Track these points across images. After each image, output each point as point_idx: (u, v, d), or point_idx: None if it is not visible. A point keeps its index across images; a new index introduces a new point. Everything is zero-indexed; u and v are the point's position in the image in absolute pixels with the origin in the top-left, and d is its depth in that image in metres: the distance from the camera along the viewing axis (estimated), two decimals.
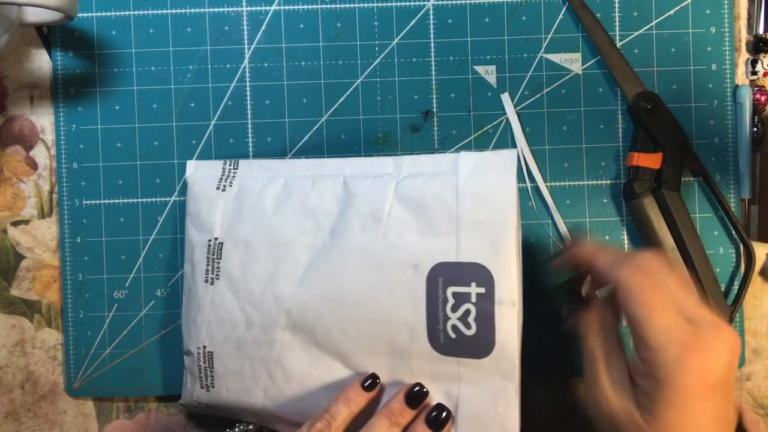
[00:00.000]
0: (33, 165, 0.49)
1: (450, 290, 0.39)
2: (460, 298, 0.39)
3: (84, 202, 0.49)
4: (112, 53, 0.49)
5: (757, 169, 0.50)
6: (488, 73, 0.49)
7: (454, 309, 0.39)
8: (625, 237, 0.50)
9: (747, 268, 0.49)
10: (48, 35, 0.49)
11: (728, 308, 0.48)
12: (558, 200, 0.49)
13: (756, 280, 0.51)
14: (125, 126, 0.49)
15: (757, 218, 0.50)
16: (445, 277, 0.39)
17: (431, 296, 0.39)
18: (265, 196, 0.44)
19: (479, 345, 0.39)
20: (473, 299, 0.39)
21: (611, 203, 0.50)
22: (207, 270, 0.44)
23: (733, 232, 0.49)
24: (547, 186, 0.49)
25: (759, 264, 0.51)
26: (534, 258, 0.49)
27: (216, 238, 0.44)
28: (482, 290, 0.38)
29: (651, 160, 0.48)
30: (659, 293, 0.34)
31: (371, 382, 0.40)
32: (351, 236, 0.41)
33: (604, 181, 0.50)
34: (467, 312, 0.39)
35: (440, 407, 0.39)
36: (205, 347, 0.44)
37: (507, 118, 0.49)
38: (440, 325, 0.39)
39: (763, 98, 0.50)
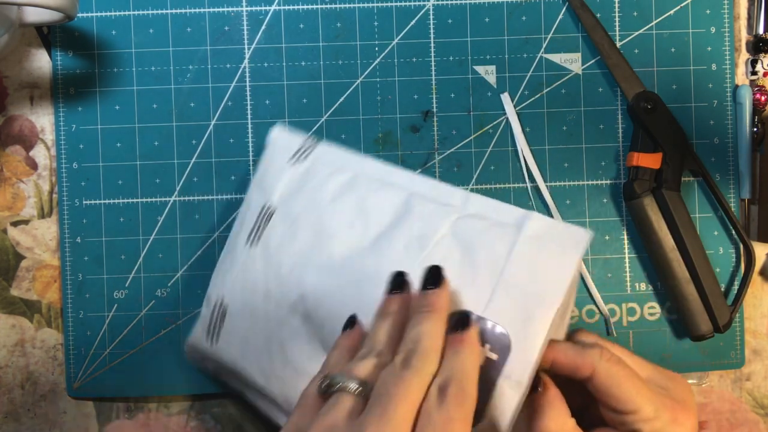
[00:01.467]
0: (33, 165, 0.49)
1: None
2: None
3: (84, 202, 0.49)
4: (112, 53, 0.49)
5: (757, 169, 0.50)
6: (488, 73, 0.49)
7: None
8: (625, 237, 0.50)
9: (747, 268, 0.49)
10: (48, 35, 0.49)
11: (728, 308, 0.48)
12: (558, 200, 0.49)
13: (756, 280, 0.51)
14: (125, 126, 0.49)
15: (757, 218, 0.50)
16: None
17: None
18: (329, 183, 0.43)
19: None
20: (481, 362, 0.35)
21: (611, 203, 0.50)
22: (252, 231, 0.44)
23: (733, 232, 0.49)
24: (547, 186, 0.49)
25: (759, 264, 0.51)
26: None
27: (270, 206, 0.44)
28: (494, 357, 0.35)
29: (651, 160, 0.48)
30: (634, 375, 0.35)
31: (397, 282, 0.36)
32: (392, 251, 0.39)
33: (604, 181, 0.50)
34: None
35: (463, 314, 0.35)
36: (223, 301, 0.44)
37: (507, 118, 0.49)
38: None
39: (763, 98, 0.50)
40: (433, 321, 0.33)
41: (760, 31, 0.50)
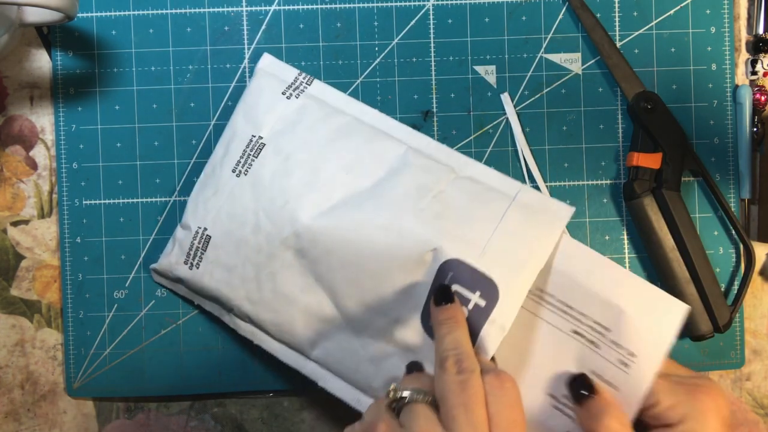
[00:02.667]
0: (33, 165, 0.49)
1: (454, 287, 0.39)
2: (460, 300, 0.39)
3: (84, 202, 0.49)
4: (112, 53, 0.49)
5: (757, 169, 0.50)
6: (488, 73, 0.49)
7: None
8: (625, 237, 0.50)
9: (747, 268, 0.49)
10: (48, 35, 0.49)
11: (728, 308, 0.48)
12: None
13: (756, 280, 0.51)
14: (125, 126, 0.49)
15: (757, 218, 0.50)
16: (455, 273, 0.39)
17: (437, 283, 0.40)
18: (326, 124, 0.44)
19: None
20: (470, 306, 0.39)
21: (611, 203, 0.50)
22: (239, 161, 0.44)
23: (733, 232, 0.49)
24: (547, 186, 0.49)
25: (759, 264, 0.51)
26: None
27: (261, 137, 0.44)
28: (483, 303, 0.39)
29: (651, 160, 0.48)
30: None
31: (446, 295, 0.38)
32: (392, 196, 0.42)
33: (604, 181, 0.50)
34: None
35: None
36: (205, 229, 0.45)
37: (507, 118, 0.49)
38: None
39: (763, 98, 0.50)
40: (462, 329, 0.37)
41: (760, 31, 0.50)
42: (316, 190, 0.43)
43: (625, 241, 0.50)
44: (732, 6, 0.49)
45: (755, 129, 0.50)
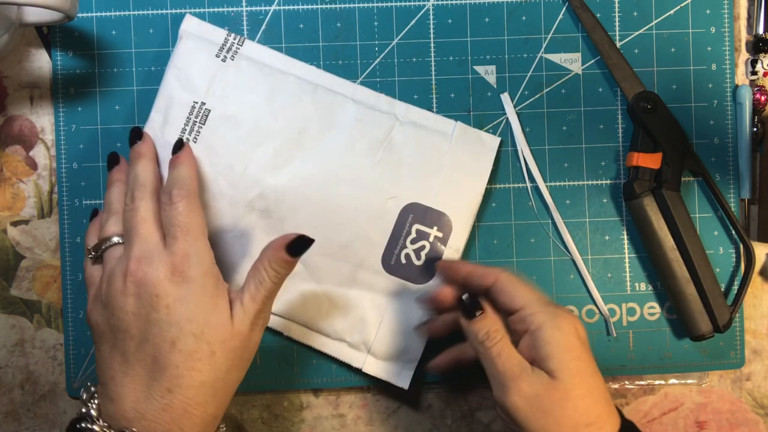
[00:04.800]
0: (33, 165, 0.49)
1: (415, 226, 0.46)
2: (421, 235, 0.46)
3: (84, 202, 0.49)
4: (112, 53, 0.49)
5: (757, 169, 0.50)
6: (488, 73, 0.49)
7: (413, 242, 0.46)
8: (625, 237, 0.50)
9: (747, 268, 0.49)
10: (48, 35, 0.49)
11: (728, 308, 0.48)
12: (558, 200, 0.49)
13: (756, 280, 0.51)
14: (125, 126, 0.49)
15: (757, 218, 0.50)
16: (415, 214, 0.46)
17: (398, 226, 0.46)
18: (269, 84, 0.46)
19: (421, 274, 0.47)
20: (431, 239, 0.47)
21: (611, 203, 0.50)
22: (184, 129, 0.45)
23: (733, 232, 0.49)
24: (547, 186, 0.49)
25: (759, 264, 0.51)
26: (533, 258, 0.49)
27: (203, 103, 0.45)
28: (440, 234, 0.47)
29: (651, 160, 0.48)
30: (526, 284, 0.42)
31: (299, 246, 0.40)
32: (349, 150, 0.46)
33: (604, 181, 0.50)
34: (422, 247, 0.47)
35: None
36: None
37: (507, 118, 0.49)
38: (396, 251, 0.46)
39: (763, 98, 0.50)
40: (142, 163, 0.43)
41: (760, 31, 0.50)
42: (273, 151, 0.45)
43: (625, 241, 0.50)
44: (732, 6, 0.49)
45: (755, 129, 0.50)
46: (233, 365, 0.39)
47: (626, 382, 0.51)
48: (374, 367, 0.47)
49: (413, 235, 0.46)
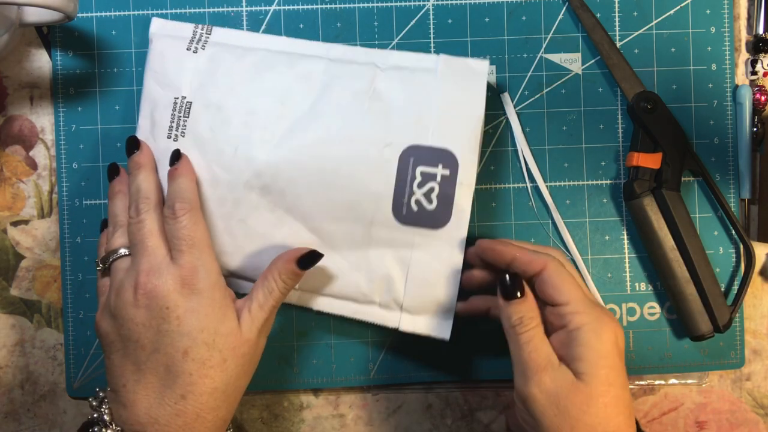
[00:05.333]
0: (33, 165, 0.49)
1: (419, 169, 0.43)
2: (427, 177, 0.43)
3: (84, 202, 0.49)
4: (112, 53, 0.49)
5: (757, 169, 0.50)
6: (488, 73, 0.49)
7: (420, 186, 0.44)
8: (625, 237, 0.50)
9: (747, 268, 0.49)
10: (48, 35, 0.49)
11: (728, 308, 0.48)
12: (558, 200, 0.49)
13: (756, 280, 0.51)
14: (125, 126, 0.49)
15: (757, 218, 0.50)
16: (416, 157, 0.43)
17: (401, 173, 0.43)
18: (242, 64, 0.45)
19: (437, 217, 0.44)
20: (438, 179, 0.43)
21: (611, 203, 0.50)
22: (171, 127, 0.44)
23: (733, 232, 0.49)
24: (547, 186, 0.49)
25: (759, 264, 0.51)
26: None
27: (184, 97, 0.44)
28: (447, 172, 0.43)
29: (651, 160, 0.48)
30: (574, 279, 0.41)
31: (309, 260, 0.42)
32: (333, 110, 0.44)
33: (604, 181, 0.50)
34: (431, 189, 0.44)
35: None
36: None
37: (507, 118, 0.49)
38: (405, 199, 0.44)
39: (763, 98, 0.50)
40: (142, 174, 0.43)
41: (760, 31, 0.50)
42: (259, 128, 0.44)
43: (625, 241, 0.50)
44: (732, 6, 0.49)
45: (755, 129, 0.50)
46: (242, 371, 0.40)
47: None
48: (411, 323, 0.45)
49: (419, 178, 0.43)
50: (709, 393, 0.51)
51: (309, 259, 0.41)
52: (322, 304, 0.46)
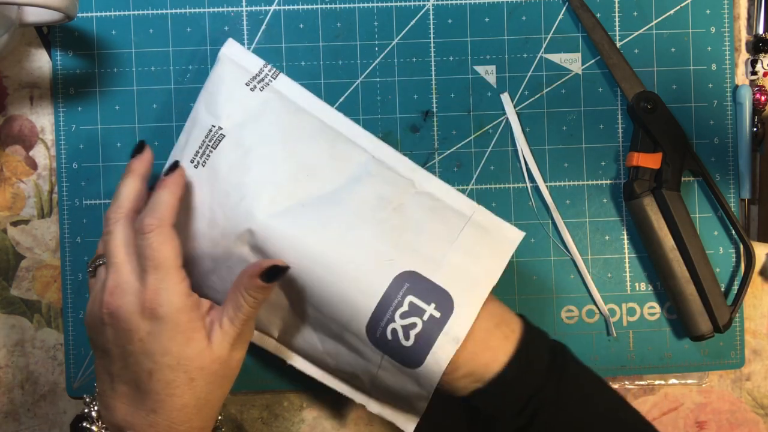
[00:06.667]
0: (33, 165, 0.49)
1: (409, 298, 0.39)
2: (414, 310, 0.39)
3: (84, 202, 0.49)
4: (112, 53, 0.49)
5: (757, 169, 0.50)
6: (488, 73, 0.49)
7: (403, 316, 0.39)
8: (625, 237, 0.50)
9: (747, 268, 0.49)
10: (48, 35, 0.49)
11: (728, 308, 0.48)
12: (558, 200, 0.49)
13: (756, 280, 0.51)
14: (125, 126, 0.49)
15: (757, 218, 0.50)
16: (411, 285, 0.40)
17: (389, 295, 0.39)
18: (291, 122, 0.43)
19: (409, 356, 0.39)
20: (425, 317, 0.39)
21: (611, 203, 0.50)
22: (198, 152, 0.43)
23: (733, 232, 0.49)
24: (547, 186, 0.49)
25: (759, 264, 0.51)
26: (533, 258, 0.49)
27: (220, 128, 0.43)
28: (437, 314, 0.39)
29: (651, 160, 0.48)
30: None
31: (273, 273, 0.39)
32: (351, 204, 0.41)
33: (604, 181, 0.50)
34: (413, 325, 0.39)
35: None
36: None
37: (507, 118, 0.49)
38: (383, 323, 0.39)
39: (763, 98, 0.50)
40: (126, 181, 0.42)
41: (760, 31, 0.50)
42: (274, 188, 0.42)
43: (625, 241, 0.50)
44: (732, 6, 0.49)
45: (755, 129, 0.50)
46: (215, 386, 0.39)
47: (626, 382, 0.51)
48: (378, 408, 0.44)
49: (404, 308, 0.39)
50: (709, 393, 0.51)
51: (273, 273, 0.39)
52: (297, 361, 0.45)
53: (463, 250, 0.41)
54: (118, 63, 0.49)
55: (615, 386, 0.51)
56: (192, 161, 0.43)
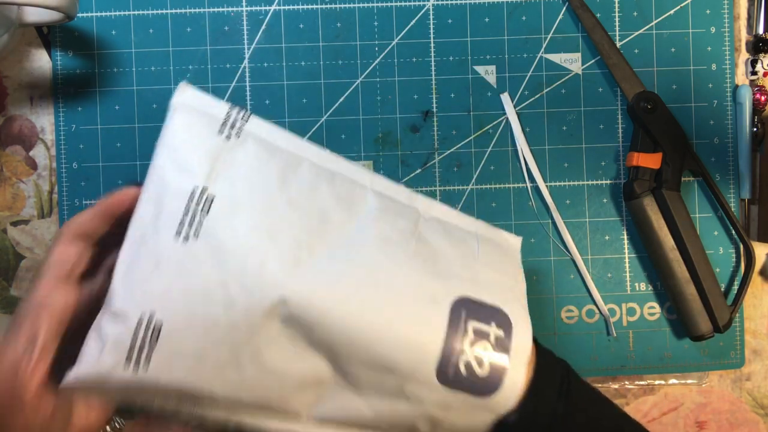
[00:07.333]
0: (33, 165, 0.49)
1: (471, 325, 0.36)
2: (480, 335, 0.36)
3: (84, 202, 0.49)
4: (112, 53, 0.49)
5: (757, 169, 0.50)
6: (488, 73, 0.49)
7: (472, 345, 0.36)
8: (625, 237, 0.50)
9: (747, 268, 0.49)
10: (48, 35, 0.49)
11: (728, 308, 0.48)
12: (558, 200, 0.49)
13: (756, 280, 0.51)
14: (125, 126, 0.49)
15: (757, 218, 0.50)
16: (468, 310, 0.37)
17: (453, 327, 0.36)
18: (283, 169, 0.38)
19: (486, 385, 0.36)
20: (492, 339, 0.36)
21: (611, 203, 0.50)
22: (182, 222, 0.35)
23: (733, 232, 0.49)
24: (547, 186, 0.49)
25: (759, 264, 0.51)
26: (533, 258, 0.49)
27: (205, 188, 0.36)
28: (501, 333, 0.37)
29: (651, 160, 0.48)
30: None
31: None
32: (381, 242, 0.38)
33: (604, 181, 0.50)
34: (484, 350, 0.36)
35: None
36: (153, 317, 0.34)
37: (507, 118, 0.49)
38: (454, 359, 0.36)
39: (763, 98, 0.50)
40: (56, 241, 0.37)
41: (760, 31, 0.50)
42: (294, 244, 0.36)
43: (625, 241, 0.50)
44: (732, 6, 0.49)
45: (755, 129, 0.50)
46: None
47: (626, 382, 0.51)
48: None
49: (471, 336, 0.36)
50: (709, 393, 0.51)
51: None
52: None
53: (488, 265, 0.40)
54: (118, 63, 0.49)
55: (615, 386, 0.51)
56: (178, 234, 0.35)
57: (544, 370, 0.38)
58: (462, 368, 0.36)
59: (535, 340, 0.38)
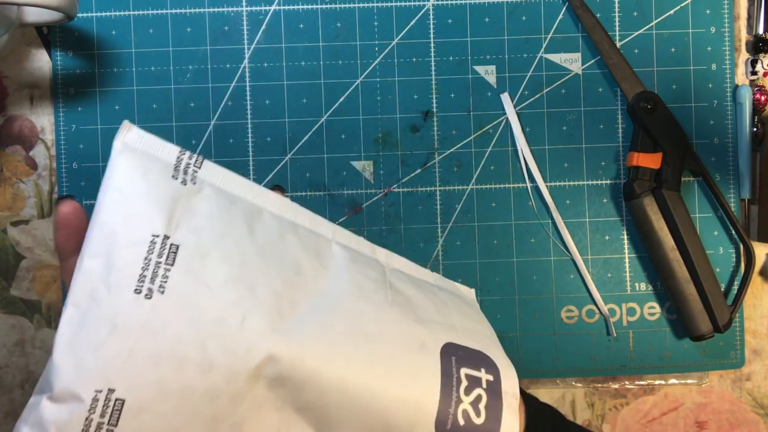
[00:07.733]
0: (33, 165, 0.49)
1: (463, 371, 0.35)
2: (473, 382, 0.35)
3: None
4: (112, 53, 0.49)
5: (757, 169, 0.50)
6: (488, 73, 0.49)
7: (467, 392, 0.35)
8: (625, 237, 0.50)
9: (747, 268, 0.49)
10: (48, 35, 0.49)
11: (728, 308, 0.48)
12: (558, 200, 0.49)
13: (756, 280, 0.51)
14: None
15: (757, 218, 0.50)
16: (457, 357, 0.35)
17: (446, 375, 0.34)
18: (244, 217, 0.35)
19: None
20: (484, 385, 0.35)
21: (611, 203, 0.50)
22: (143, 276, 0.30)
23: (733, 232, 0.49)
24: (547, 186, 0.49)
25: (759, 264, 0.51)
26: (533, 258, 0.49)
27: (167, 237, 0.31)
28: (491, 377, 0.36)
29: (651, 160, 0.48)
30: None
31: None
32: (358, 293, 0.35)
33: (604, 181, 0.50)
34: (479, 398, 0.35)
35: None
36: (112, 392, 0.29)
37: (507, 118, 0.49)
38: (452, 409, 0.34)
39: (763, 98, 0.50)
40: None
41: (760, 31, 0.50)
42: (274, 298, 0.33)
43: (625, 241, 0.50)
44: (732, 6, 0.49)
45: (755, 129, 0.50)
46: None
47: (626, 382, 0.51)
48: None
49: (465, 382, 0.35)
50: (709, 393, 0.51)
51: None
52: None
53: (460, 313, 0.39)
54: (118, 63, 0.49)
55: (615, 386, 0.51)
56: (138, 291, 0.30)
57: (537, 411, 0.38)
58: (460, 418, 0.34)
59: (522, 390, 0.38)
